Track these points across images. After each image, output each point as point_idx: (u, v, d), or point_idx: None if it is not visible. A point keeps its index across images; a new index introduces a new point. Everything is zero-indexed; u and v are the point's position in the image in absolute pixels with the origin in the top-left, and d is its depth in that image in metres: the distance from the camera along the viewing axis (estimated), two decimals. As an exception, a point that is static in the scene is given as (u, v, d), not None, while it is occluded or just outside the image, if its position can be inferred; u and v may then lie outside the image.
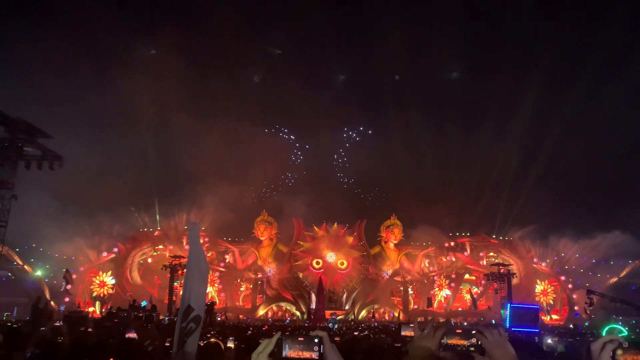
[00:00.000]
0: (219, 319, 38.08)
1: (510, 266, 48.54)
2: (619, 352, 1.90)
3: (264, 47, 70.80)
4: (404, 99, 70.52)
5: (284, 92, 66.54)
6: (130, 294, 46.35)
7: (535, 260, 54.67)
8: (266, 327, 26.76)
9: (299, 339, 2.05)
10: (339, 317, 45.53)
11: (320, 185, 67.98)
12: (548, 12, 66.62)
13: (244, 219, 55.08)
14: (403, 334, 3.10)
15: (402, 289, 55.61)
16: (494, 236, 57.40)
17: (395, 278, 55.20)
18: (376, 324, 38.74)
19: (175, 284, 42.14)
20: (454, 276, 55.33)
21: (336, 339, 11.49)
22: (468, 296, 54.15)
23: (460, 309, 54.50)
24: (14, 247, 44.64)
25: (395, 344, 6.38)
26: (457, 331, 2.26)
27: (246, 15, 66.60)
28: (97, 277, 49.90)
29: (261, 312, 51.46)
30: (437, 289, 55.43)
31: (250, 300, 54.49)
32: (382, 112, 72.28)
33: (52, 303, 40.88)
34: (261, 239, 55.54)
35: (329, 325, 33.68)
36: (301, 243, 54.37)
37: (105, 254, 50.69)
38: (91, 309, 45.04)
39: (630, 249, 50.71)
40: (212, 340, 6.68)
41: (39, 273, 47.79)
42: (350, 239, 54.37)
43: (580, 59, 64.57)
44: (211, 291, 52.63)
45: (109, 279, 50.01)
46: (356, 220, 56.67)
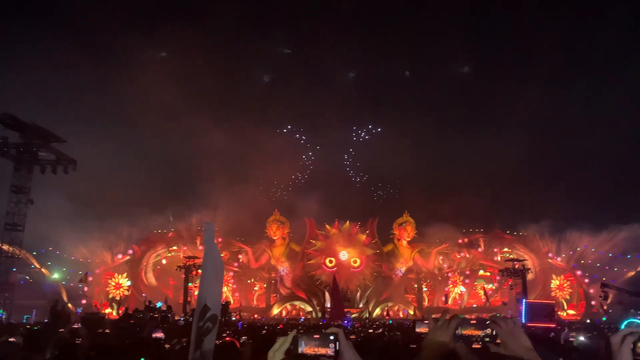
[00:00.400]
0: (233, 318, 38.27)
1: (525, 261, 48.00)
2: None
3: (272, 47, 70.87)
4: (413, 95, 70.24)
5: (293, 92, 66.53)
6: (145, 295, 46.82)
7: (550, 255, 54.14)
8: (281, 325, 26.81)
9: (315, 336, 2.07)
10: (353, 315, 45.53)
11: (332, 185, 67.92)
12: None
13: (256, 219, 55.28)
14: (418, 330, 3.09)
15: (416, 286, 55.45)
16: (507, 232, 56.95)
17: (409, 275, 55.05)
18: (390, 321, 38.67)
19: (190, 284, 42.43)
20: (468, 273, 55.03)
21: (351, 336, 11.50)
22: (482, 293, 53.85)
23: (474, 305, 54.19)
24: (31, 250, 45.24)
25: (411, 344, 6.37)
26: (472, 322, 2.26)
27: (253, 14, 66.71)
28: (113, 279, 50.45)
29: (275, 311, 51.67)
30: (451, 285, 55.19)
31: (264, 300, 54.78)
32: (392, 109, 71.75)
33: (69, 305, 41.45)
34: (274, 238, 55.72)
35: (343, 323, 33.68)
36: (313, 242, 54.44)
37: (120, 256, 51.23)
38: (108, 311, 45.53)
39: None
40: (227, 339, 6.73)
41: (56, 276, 48.39)
42: (362, 237, 54.29)
43: (592, 49, 63.51)
44: (225, 291, 52.93)
45: (124, 281, 50.54)
46: (368, 218, 56.61)
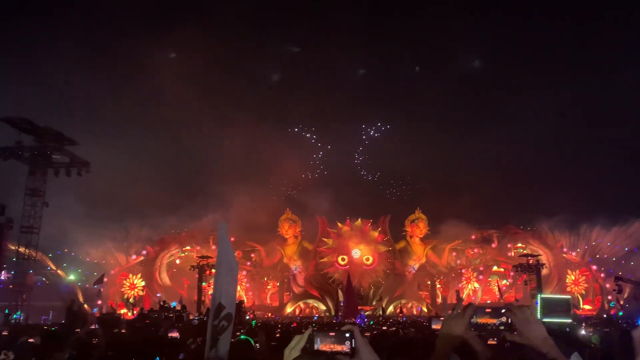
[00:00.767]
0: (247, 317, 38.45)
1: (539, 257, 47.55)
2: None
3: (281, 46, 70.91)
4: (423, 91, 69.78)
5: (303, 91, 66.64)
6: (159, 295, 47.23)
7: (565, 249, 53.58)
8: (294, 324, 26.88)
9: (330, 333, 2.06)
10: (366, 313, 45.47)
11: (343, 183, 67.74)
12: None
13: (268, 217, 55.38)
14: (434, 327, 3.08)
15: (429, 283, 55.19)
16: (521, 227, 56.42)
17: (422, 272, 54.84)
18: (404, 318, 38.55)
19: (204, 284, 42.66)
20: (481, 269, 54.68)
21: (366, 334, 11.49)
22: (496, 288, 53.46)
23: (488, 301, 53.84)
24: (46, 252, 45.82)
25: (426, 341, 6.33)
26: (487, 310, 2.25)
27: (261, 13, 66.75)
28: (128, 279, 50.92)
29: (289, 309, 51.82)
30: (464, 282, 54.88)
31: (277, 298, 54.95)
32: (403, 105, 71.35)
33: (85, 306, 41.93)
34: (286, 237, 55.84)
35: (357, 321, 33.65)
36: (325, 240, 54.47)
37: (134, 256, 51.67)
38: (123, 311, 45.99)
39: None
40: (242, 337, 6.75)
41: (72, 277, 48.98)
42: (375, 234, 54.18)
43: (612, 37, 62.34)
44: (239, 290, 53.13)
45: (139, 281, 51.00)
46: (380, 215, 56.45)
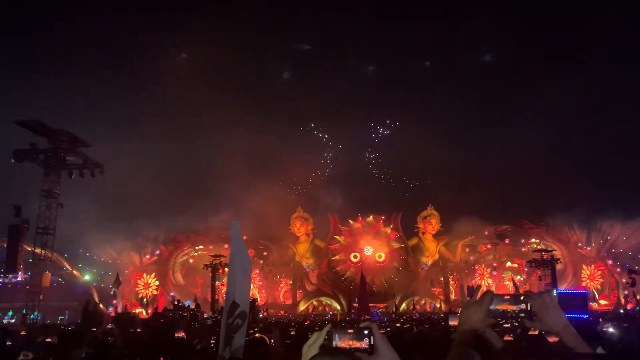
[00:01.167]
0: (261, 315, 38.57)
1: (553, 252, 47.02)
2: None
3: (292, 43, 70.85)
4: (434, 86, 69.34)
5: (313, 89, 66.65)
6: (173, 294, 47.56)
7: (579, 244, 52.95)
8: (308, 322, 26.85)
9: (349, 330, 2.04)
10: (379, 310, 45.36)
11: (354, 181, 67.58)
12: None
13: (280, 216, 55.45)
14: (451, 323, 3.03)
15: (442, 279, 54.91)
16: (535, 222, 55.83)
17: (435, 269, 54.56)
18: (418, 315, 38.39)
19: (217, 282, 42.90)
20: (495, 265, 54.25)
21: (380, 331, 11.45)
22: (510, 284, 52.99)
23: (504, 296, 53.39)
24: (62, 253, 46.40)
25: (441, 337, 6.29)
26: (506, 297, 2.20)
27: (272, 12, 66.75)
28: (142, 279, 51.36)
29: (302, 307, 51.88)
30: (478, 278, 54.49)
31: (290, 296, 55.02)
32: (415, 101, 70.80)
33: (100, 306, 42.38)
34: (298, 235, 55.88)
35: (371, 318, 33.58)
36: (337, 237, 54.41)
37: (148, 256, 52.10)
38: (138, 310, 46.40)
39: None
40: (257, 335, 6.73)
41: (87, 277, 49.54)
42: (387, 231, 54.01)
43: (629, 33, 61.27)
44: (252, 288, 53.30)
45: (153, 281, 51.40)
46: (392, 212, 56.24)
